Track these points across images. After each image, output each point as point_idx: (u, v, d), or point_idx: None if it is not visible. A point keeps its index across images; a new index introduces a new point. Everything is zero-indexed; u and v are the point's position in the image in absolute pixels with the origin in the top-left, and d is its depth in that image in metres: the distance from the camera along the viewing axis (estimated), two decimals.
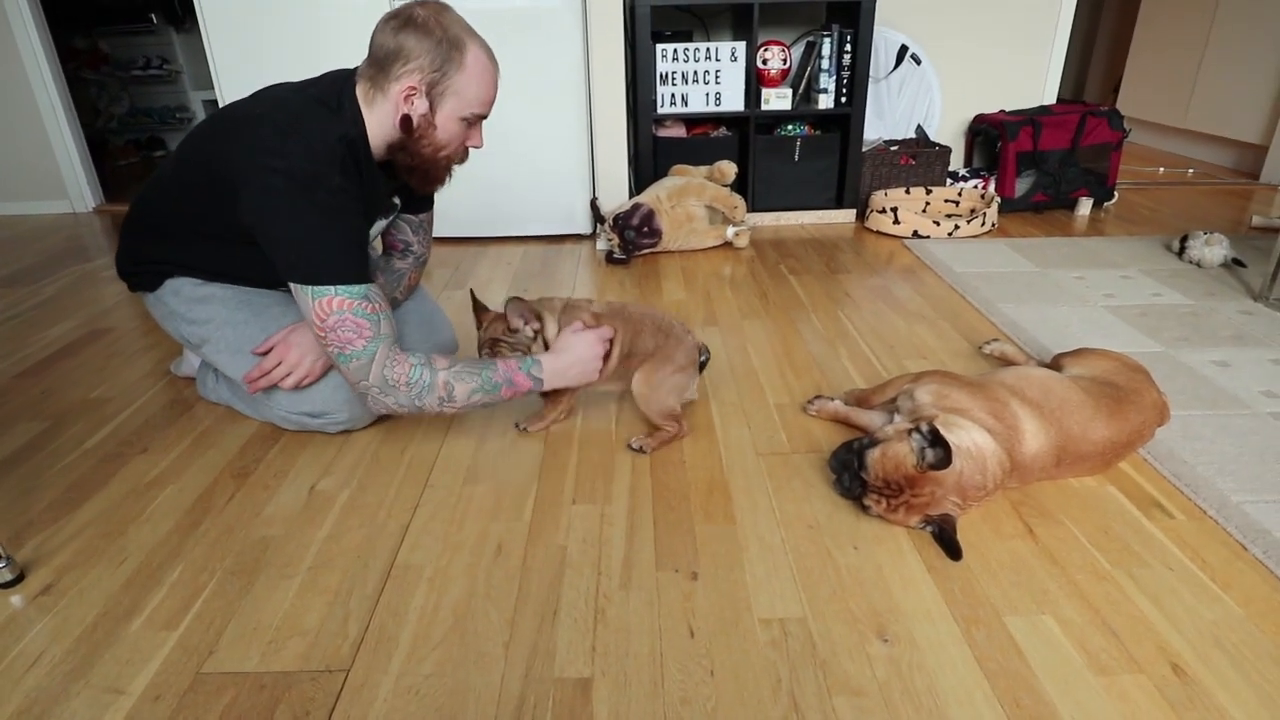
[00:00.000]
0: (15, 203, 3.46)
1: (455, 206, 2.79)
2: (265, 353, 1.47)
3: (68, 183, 3.44)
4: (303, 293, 1.28)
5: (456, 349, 1.77)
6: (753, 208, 2.99)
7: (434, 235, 1.74)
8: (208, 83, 2.69)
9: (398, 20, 1.29)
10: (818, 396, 1.62)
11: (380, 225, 1.56)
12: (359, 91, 1.34)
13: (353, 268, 1.30)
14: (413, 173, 1.41)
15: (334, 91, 1.34)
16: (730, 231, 2.73)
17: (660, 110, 2.86)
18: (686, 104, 2.86)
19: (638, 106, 2.82)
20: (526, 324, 1.46)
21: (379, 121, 1.34)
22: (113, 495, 1.39)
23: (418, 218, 1.66)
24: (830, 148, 2.96)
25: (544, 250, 2.81)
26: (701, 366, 1.57)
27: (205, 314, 1.48)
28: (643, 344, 1.50)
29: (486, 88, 1.36)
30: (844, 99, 2.88)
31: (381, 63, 1.31)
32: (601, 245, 2.76)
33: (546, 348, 1.47)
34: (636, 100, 2.81)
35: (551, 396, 1.54)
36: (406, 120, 1.33)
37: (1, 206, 3.46)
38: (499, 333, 1.47)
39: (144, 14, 4.52)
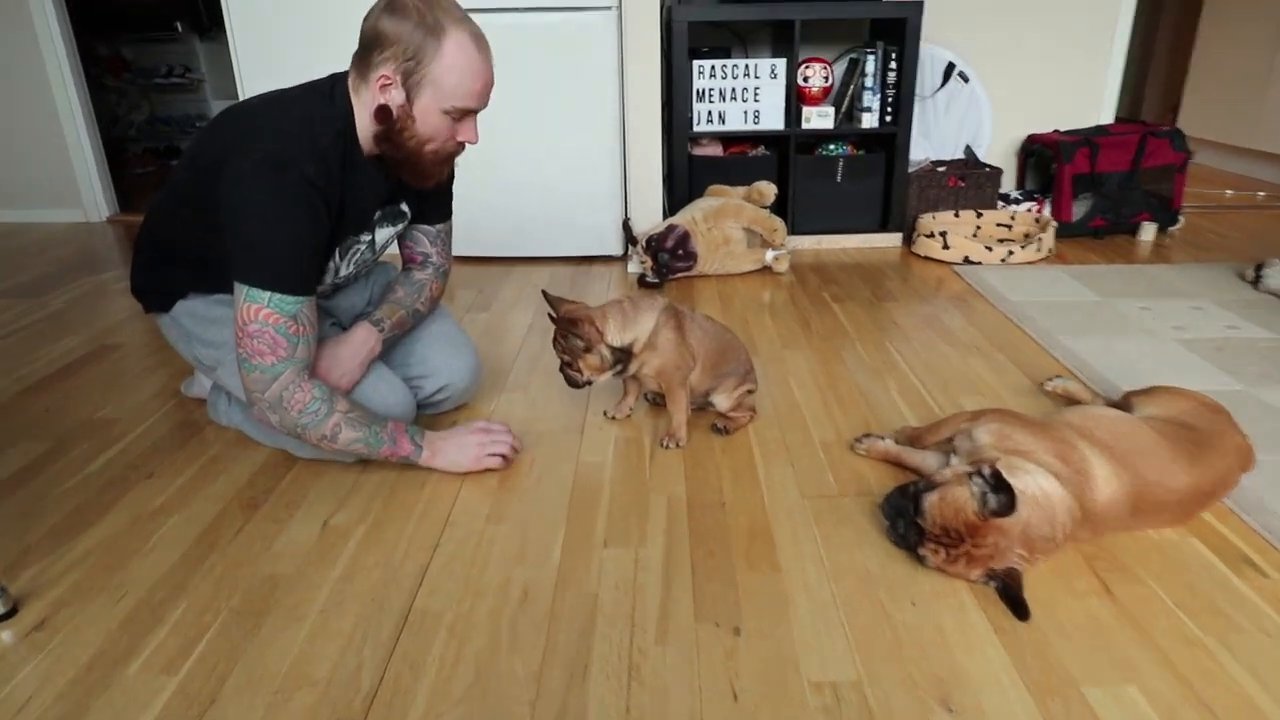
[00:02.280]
0: (27, 210, 3.40)
1: (480, 225, 2.74)
2: None
3: (83, 191, 3.40)
4: (239, 289, 1.25)
5: (480, 373, 1.70)
6: (793, 230, 2.90)
7: (457, 254, 1.68)
8: (230, 92, 2.68)
9: (382, 4, 1.25)
10: (867, 434, 1.53)
11: (387, 233, 1.52)
12: (350, 82, 1.32)
13: (295, 274, 1.27)
14: (401, 166, 1.37)
15: (330, 81, 1.33)
16: (769, 255, 2.65)
17: (696, 128, 2.79)
18: (724, 122, 2.80)
19: (673, 124, 2.76)
20: (580, 336, 1.47)
21: (364, 110, 1.31)
22: (115, 523, 1.34)
23: (435, 228, 1.61)
24: (874, 168, 2.87)
25: (573, 272, 2.73)
26: None
27: (220, 336, 1.43)
28: (729, 364, 1.60)
29: (470, 79, 1.29)
30: (889, 118, 2.80)
31: (363, 50, 1.28)
32: (633, 268, 2.68)
33: (622, 351, 1.49)
34: (672, 118, 2.75)
35: (673, 402, 1.56)
36: (383, 110, 1.29)
37: (13, 214, 3.41)
38: (561, 332, 1.49)
39: (168, 22, 4.58)
